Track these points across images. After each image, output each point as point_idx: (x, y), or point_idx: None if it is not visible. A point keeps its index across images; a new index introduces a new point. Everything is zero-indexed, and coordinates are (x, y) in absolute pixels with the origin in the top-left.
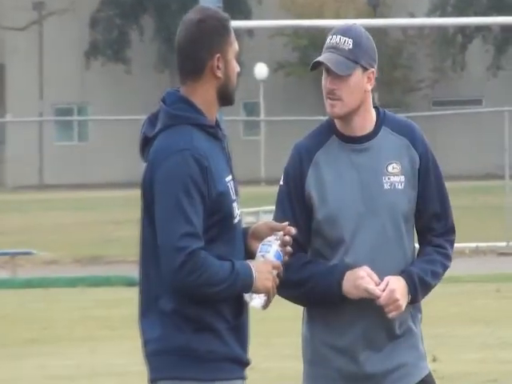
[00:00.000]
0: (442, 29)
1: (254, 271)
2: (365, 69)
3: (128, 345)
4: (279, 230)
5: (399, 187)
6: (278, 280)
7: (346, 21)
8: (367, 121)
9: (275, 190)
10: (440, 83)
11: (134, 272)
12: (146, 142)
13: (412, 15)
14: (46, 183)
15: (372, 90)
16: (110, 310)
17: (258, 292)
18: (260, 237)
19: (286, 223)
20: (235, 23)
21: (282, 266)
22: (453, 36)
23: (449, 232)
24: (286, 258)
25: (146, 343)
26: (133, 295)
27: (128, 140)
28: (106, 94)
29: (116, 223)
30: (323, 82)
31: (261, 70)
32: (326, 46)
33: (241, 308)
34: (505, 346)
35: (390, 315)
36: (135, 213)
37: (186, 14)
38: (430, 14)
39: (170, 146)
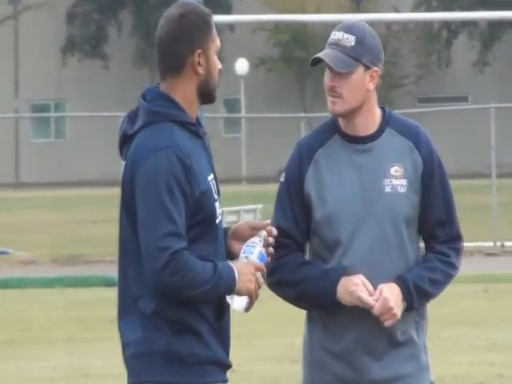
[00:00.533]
0: (426, 24)
1: (236, 273)
2: (367, 67)
3: (107, 346)
4: (260, 230)
5: (401, 191)
6: (260, 282)
7: (327, 16)
8: (370, 121)
9: (256, 188)
10: (425, 79)
11: (112, 272)
12: (125, 140)
13: (396, 10)
14: (22, 181)
15: (376, 90)
16: (88, 311)
17: (240, 294)
18: (241, 237)
19: (268, 222)
20: (216, 18)
21: (265, 268)
22: (438, 31)
23: (454, 239)
24: (269, 259)
25: (125, 346)
26: (111, 296)
27: (106, 137)
28: (84, 91)
29: (94, 222)
30: (325, 78)
31: (242, 66)
32: (328, 41)
33: (223, 310)
34: (492, 347)
35: (386, 324)
36: (113, 211)
37: (166, 8)
38: (414, 9)
39: (151, 144)
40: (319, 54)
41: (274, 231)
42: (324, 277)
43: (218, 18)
